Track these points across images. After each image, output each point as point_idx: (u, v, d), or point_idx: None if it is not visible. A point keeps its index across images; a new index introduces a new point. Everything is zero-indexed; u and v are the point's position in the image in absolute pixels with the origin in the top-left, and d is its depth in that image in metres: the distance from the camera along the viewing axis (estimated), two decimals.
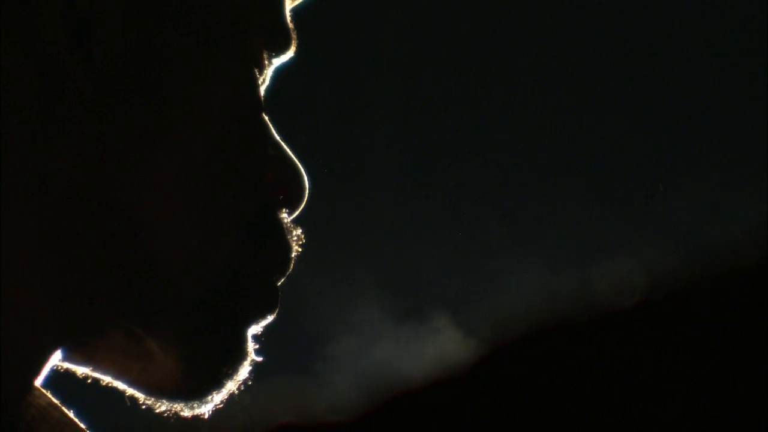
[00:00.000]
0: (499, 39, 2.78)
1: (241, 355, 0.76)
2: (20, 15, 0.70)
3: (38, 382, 0.74)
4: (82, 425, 0.78)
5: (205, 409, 0.76)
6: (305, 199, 0.79)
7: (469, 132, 2.83)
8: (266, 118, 0.78)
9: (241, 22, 0.76)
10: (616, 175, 2.86)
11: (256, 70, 0.77)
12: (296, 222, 0.79)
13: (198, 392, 0.75)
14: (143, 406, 0.75)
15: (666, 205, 2.87)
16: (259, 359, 0.77)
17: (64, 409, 0.78)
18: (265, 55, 0.79)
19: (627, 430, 2.76)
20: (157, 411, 0.75)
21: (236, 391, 0.76)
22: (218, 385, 0.75)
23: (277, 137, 0.79)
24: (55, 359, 0.74)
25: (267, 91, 0.81)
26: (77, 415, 0.79)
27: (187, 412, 0.75)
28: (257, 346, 0.77)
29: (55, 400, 0.78)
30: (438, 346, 2.78)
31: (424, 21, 2.80)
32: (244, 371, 0.76)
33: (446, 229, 2.89)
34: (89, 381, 0.76)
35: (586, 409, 2.76)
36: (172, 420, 0.76)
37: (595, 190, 2.87)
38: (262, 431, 2.66)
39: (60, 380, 0.77)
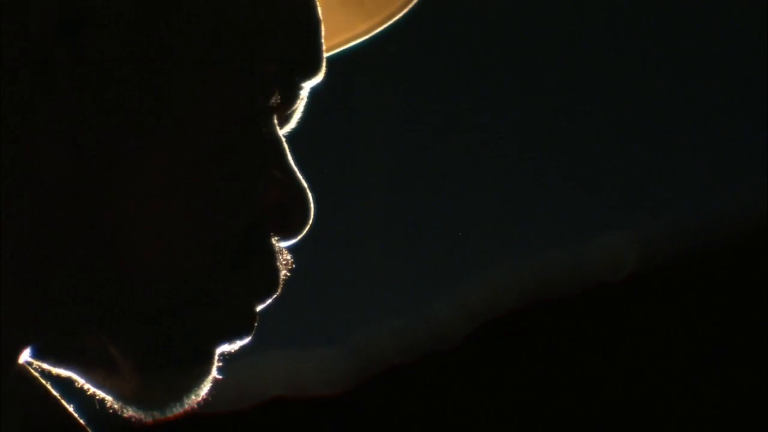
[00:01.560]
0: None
1: (200, 372, 0.75)
2: (14, 4, 0.69)
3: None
4: (67, 405, 0.78)
5: (167, 416, 0.75)
6: (305, 230, 0.78)
7: (455, 105, 2.84)
8: (284, 141, 0.77)
9: (256, 42, 0.74)
10: (605, 148, 2.86)
11: (264, 90, 0.75)
12: None
13: (155, 403, 0.74)
14: (110, 410, 0.75)
15: (657, 176, 2.87)
16: (220, 377, 0.76)
17: (48, 386, 0.78)
18: (286, 78, 0.76)
19: (618, 403, 2.77)
20: (125, 416, 0.75)
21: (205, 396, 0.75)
22: (175, 398, 0.74)
23: (292, 163, 0.77)
24: (26, 355, 0.73)
25: (300, 115, 0.79)
26: (63, 396, 0.79)
27: (149, 418, 0.75)
28: (220, 365, 0.76)
29: (42, 380, 0.78)
30: (429, 320, 2.79)
31: (419, 21, 2.79)
32: (203, 389, 0.75)
33: (435, 203, 2.89)
34: None
35: (577, 383, 2.78)
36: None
37: (584, 162, 2.87)
38: (252, 404, 2.66)
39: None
